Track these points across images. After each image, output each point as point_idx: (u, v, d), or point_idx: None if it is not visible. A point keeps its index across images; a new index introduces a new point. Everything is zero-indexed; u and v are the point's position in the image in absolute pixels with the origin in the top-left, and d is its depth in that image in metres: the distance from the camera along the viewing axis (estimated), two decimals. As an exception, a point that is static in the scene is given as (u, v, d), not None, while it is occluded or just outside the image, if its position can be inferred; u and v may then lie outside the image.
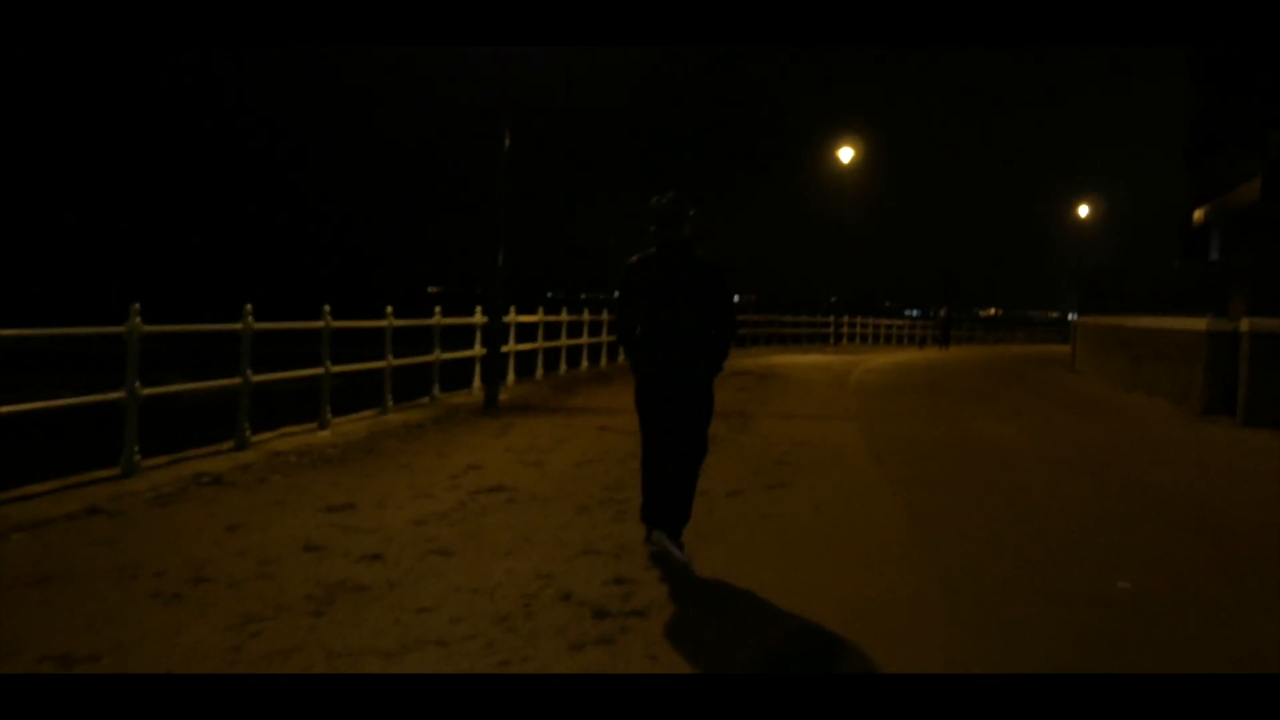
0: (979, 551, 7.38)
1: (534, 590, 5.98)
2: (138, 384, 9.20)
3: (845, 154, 47.10)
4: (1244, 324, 16.22)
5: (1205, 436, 14.85)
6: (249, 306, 11.02)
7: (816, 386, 21.61)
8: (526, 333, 20.37)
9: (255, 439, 11.08)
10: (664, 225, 6.73)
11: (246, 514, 7.78)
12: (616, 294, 6.96)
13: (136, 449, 9.17)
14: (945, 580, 6.56)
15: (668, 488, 6.83)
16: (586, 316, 23.92)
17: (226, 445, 10.71)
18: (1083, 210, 64.76)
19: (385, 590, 5.91)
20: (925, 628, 5.58)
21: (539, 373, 20.70)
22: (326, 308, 12.82)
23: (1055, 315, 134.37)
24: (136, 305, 9.27)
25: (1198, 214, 31.00)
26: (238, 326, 10.94)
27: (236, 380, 10.89)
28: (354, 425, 12.85)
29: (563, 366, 22.16)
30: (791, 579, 6.43)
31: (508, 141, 15.72)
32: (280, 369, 12.56)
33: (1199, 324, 17.84)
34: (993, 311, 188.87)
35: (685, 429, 6.80)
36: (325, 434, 12.03)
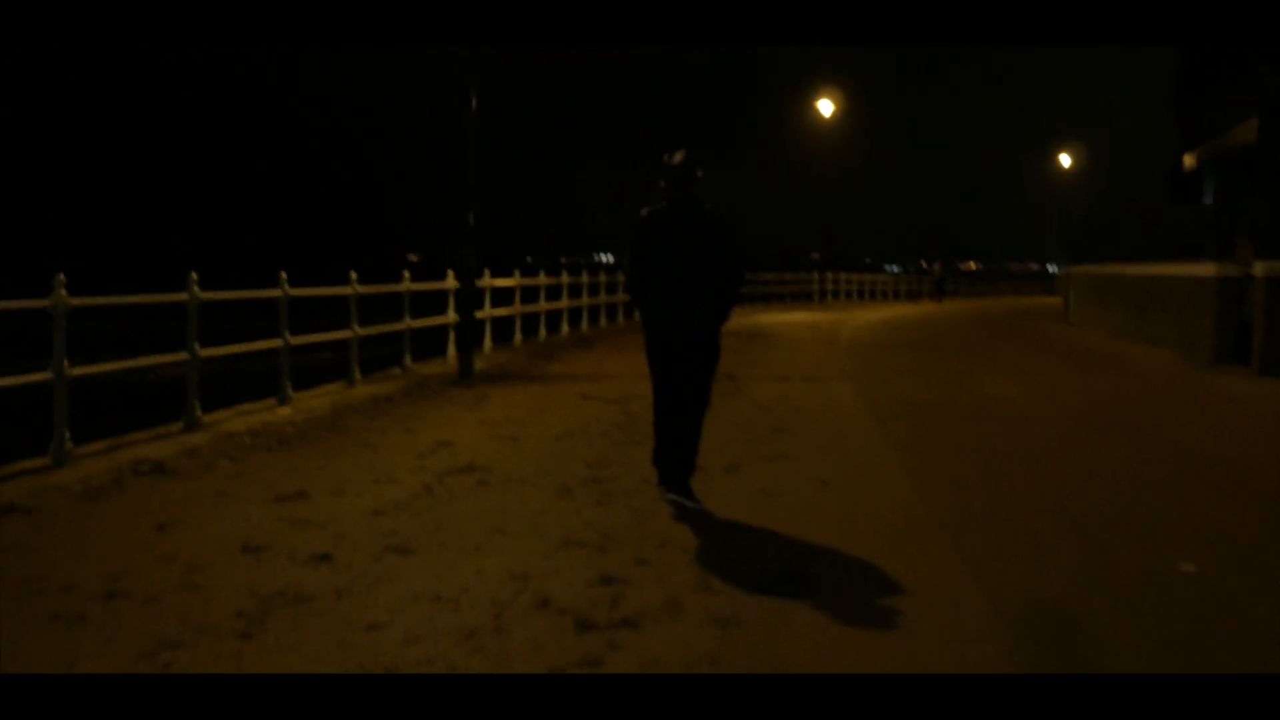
0: (1008, 528, 6.53)
1: (506, 596, 5.10)
2: (66, 363, 8.30)
3: (825, 107, 46.07)
4: (1258, 268, 15.38)
5: (1225, 388, 14.02)
6: (194, 275, 10.09)
7: (807, 346, 20.75)
8: (504, 298, 19.45)
9: (208, 418, 10.17)
10: (674, 182, 6.90)
11: (183, 508, 6.87)
12: (627, 247, 7.10)
13: (68, 435, 8.26)
14: (978, 564, 5.72)
15: (675, 442, 7.01)
16: (566, 279, 22.98)
17: (176, 427, 9.79)
18: (1065, 160, 64.00)
19: (331, 601, 5.02)
20: (968, 625, 4.73)
21: (517, 339, 19.79)
22: (283, 274, 11.86)
23: (1036, 267, 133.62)
24: (61, 276, 8.36)
25: (1188, 159, 30.11)
26: (183, 297, 10.01)
27: (183, 356, 9.97)
28: (317, 400, 11.93)
29: (542, 332, 21.27)
30: (807, 572, 5.58)
31: (474, 101, 14.96)
32: (244, 341, 11.64)
33: (1207, 270, 17.00)
34: (972, 265, 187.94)
35: (692, 380, 6.99)
36: (285, 411, 11.11)
